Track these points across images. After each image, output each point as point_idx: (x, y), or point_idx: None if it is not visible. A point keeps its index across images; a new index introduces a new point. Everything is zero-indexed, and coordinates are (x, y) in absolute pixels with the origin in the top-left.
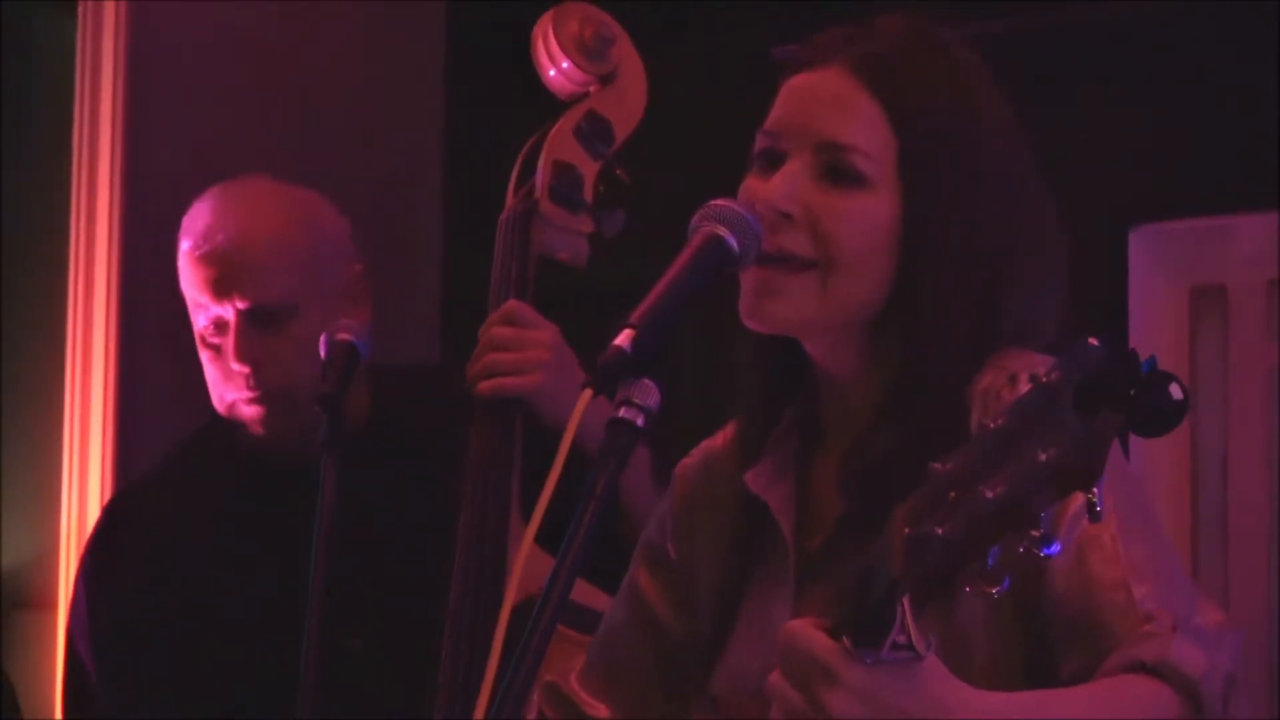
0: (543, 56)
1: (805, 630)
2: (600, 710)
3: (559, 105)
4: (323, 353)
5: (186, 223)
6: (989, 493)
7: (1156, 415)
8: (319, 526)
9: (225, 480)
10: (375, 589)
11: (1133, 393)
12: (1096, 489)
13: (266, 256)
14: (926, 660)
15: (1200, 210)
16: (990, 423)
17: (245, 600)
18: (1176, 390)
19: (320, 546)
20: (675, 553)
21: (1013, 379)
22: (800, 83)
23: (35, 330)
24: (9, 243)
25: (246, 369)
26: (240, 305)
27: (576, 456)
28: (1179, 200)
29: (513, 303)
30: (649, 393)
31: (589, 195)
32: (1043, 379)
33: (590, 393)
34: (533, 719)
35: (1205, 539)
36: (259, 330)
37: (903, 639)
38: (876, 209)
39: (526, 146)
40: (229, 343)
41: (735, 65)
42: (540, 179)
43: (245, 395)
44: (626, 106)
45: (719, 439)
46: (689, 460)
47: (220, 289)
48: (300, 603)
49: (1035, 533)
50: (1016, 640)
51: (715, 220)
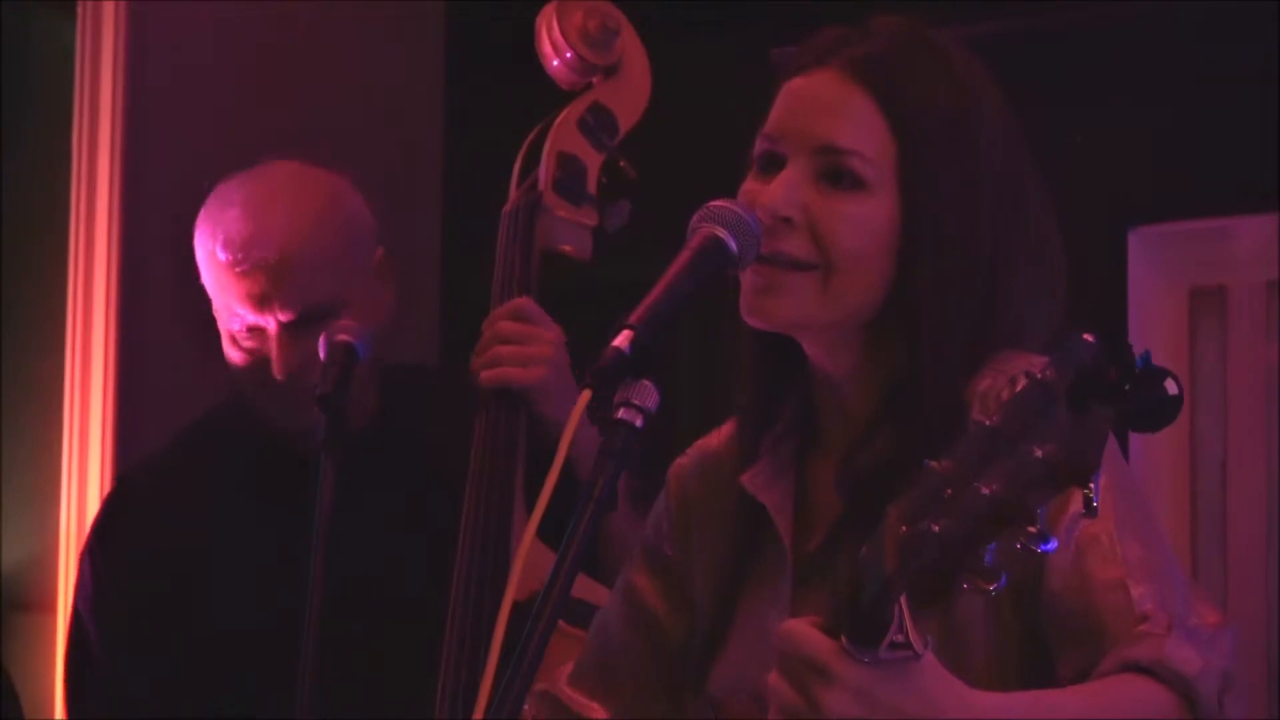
0: (547, 47)
1: (802, 629)
2: (596, 711)
3: (559, 104)
4: (322, 354)
5: (218, 230)
6: (985, 490)
7: (1152, 410)
8: (317, 528)
9: (231, 464)
10: (376, 587)
11: (1127, 387)
12: (1093, 484)
13: (309, 267)
14: (924, 659)
15: (1199, 212)
16: (985, 420)
17: (249, 585)
18: (1172, 385)
19: (319, 548)
20: (673, 553)
21: (1013, 381)
22: (798, 86)
23: (35, 331)
24: (8, 242)
25: (288, 376)
26: (283, 318)
27: (567, 463)
28: (1178, 202)
29: (522, 299)
30: (648, 394)
31: (593, 187)
32: (1038, 375)
33: (589, 393)
34: None
35: (1204, 539)
36: (301, 336)
37: (900, 638)
38: (875, 211)
39: (529, 139)
40: (272, 352)
41: (736, 65)
42: (544, 171)
43: (279, 393)
44: (630, 98)
45: (714, 439)
46: (684, 460)
47: (262, 303)
48: (302, 593)
49: (1032, 529)
50: (1014, 639)
51: (714, 221)
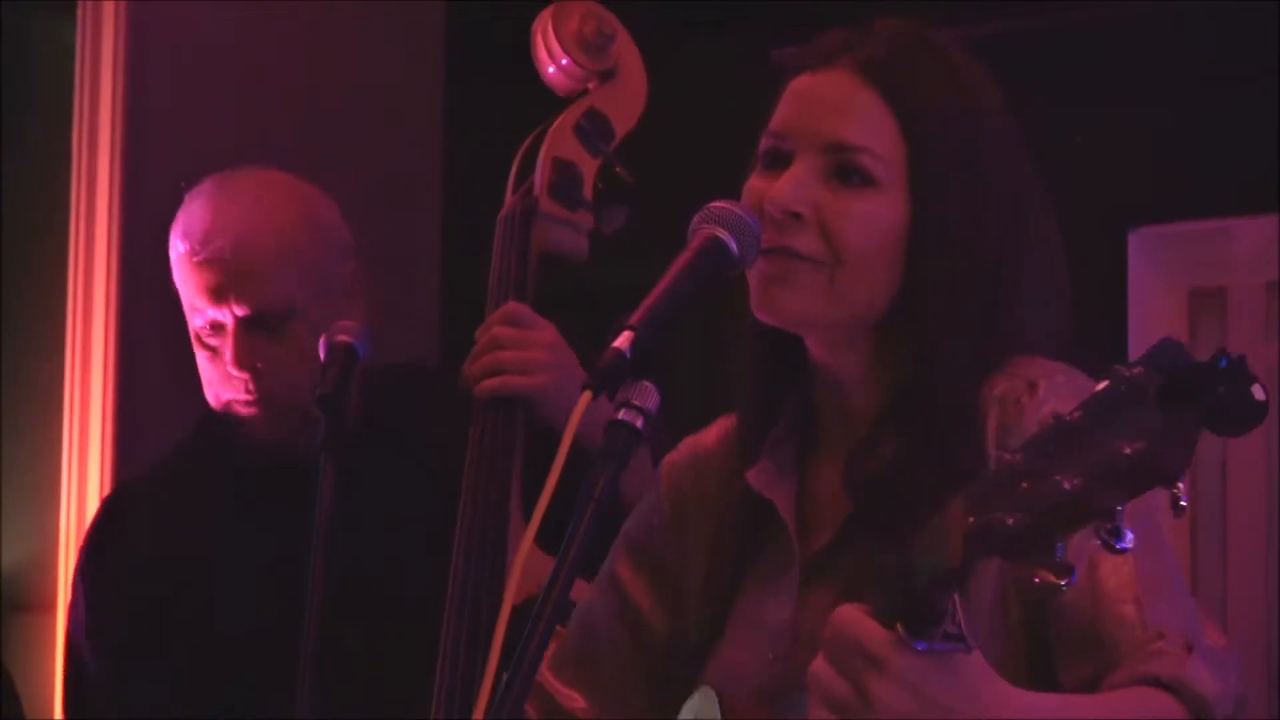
0: (542, 53)
1: (855, 616)
2: (576, 700)
3: (558, 105)
4: (322, 354)
5: (182, 222)
6: (1066, 484)
7: (1238, 414)
8: (317, 529)
9: (222, 475)
10: (374, 589)
11: (1221, 390)
12: (1181, 484)
13: (266, 263)
14: (972, 654)
15: (1199, 213)
16: (1065, 415)
17: (242, 596)
18: (1259, 391)
19: (319, 548)
20: (663, 549)
21: (1031, 386)
22: (805, 84)
23: (34, 332)
24: (8, 243)
25: (246, 375)
26: (239, 312)
27: (577, 456)
28: (1178, 203)
29: (512, 304)
30: (648, 395)
31: (589, 192)
32: (1125, 373)
33: (589, 395)
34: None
35: (1204, 540)
36: (258, 335)
37: (954, 629)
38: (885, 210)
39: (525, 144)
40: (227, 348)
41: (734, 66)
42: (540, 176)
43: (243, 398)
44: (626, 103)
45: (706, 436)
46: (675, 457)
47: (218, 295)
48: (299, 599)
49: (1110, 525)
50: (1021, 644)
51: (715, 222)
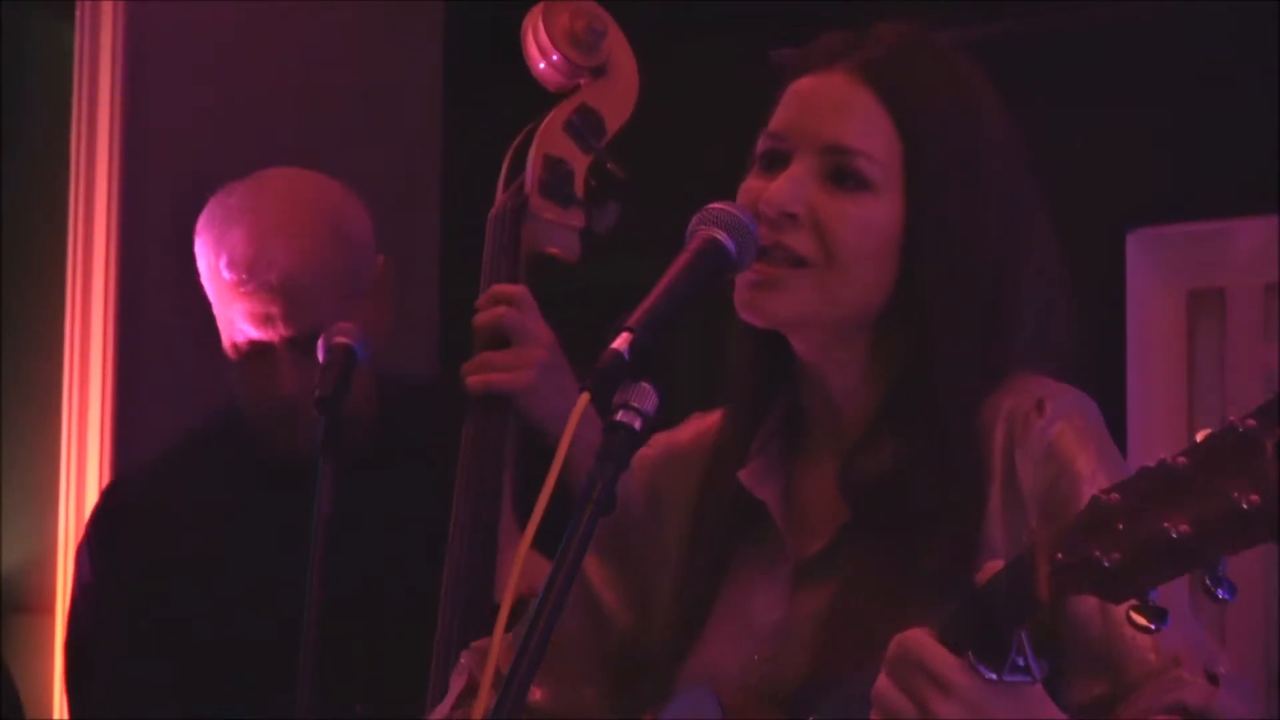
0: (533, 49)
1: (923, 639)
2: (533, 692)
3: (555, 103)
4: (320, 356)
5: (222, 248)
6: (1173, 530)
7: None
8: (316, 530)
9: (227, 472)
10: (375, 596)
11: None
12: None
13: (312, 289)
14: (1036, 685)
15: (1198, 214)
16: (1169, 459)
17: (239, 602)
18: None
19: (317, 548)
20: (633, 544)
21: (1039, 404)
22: (806, 86)
23: (33, 333)
24: (7, 243)
25: (293, 393)
26: (286, 334)
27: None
28: (1177, 204)
29: (522, 287)
30: (647, 396)
31: (580, 189)
32: (1239, 425)
33: (588, 396)
34: (463, 683)
35: None
36: (304, 353)
37: (1021, 661)
38: (880, 212)
39: (516, 141)
40: (277, 369)
41: (734, 66)
42: (531, 174)
43: (279, 408)
44: (618, 99)
45: (681, 433)
46: (649, 452)
47: (266, 322)
48: (295, 605)
49: (1213, 575)
50: None
51: (713, 224)
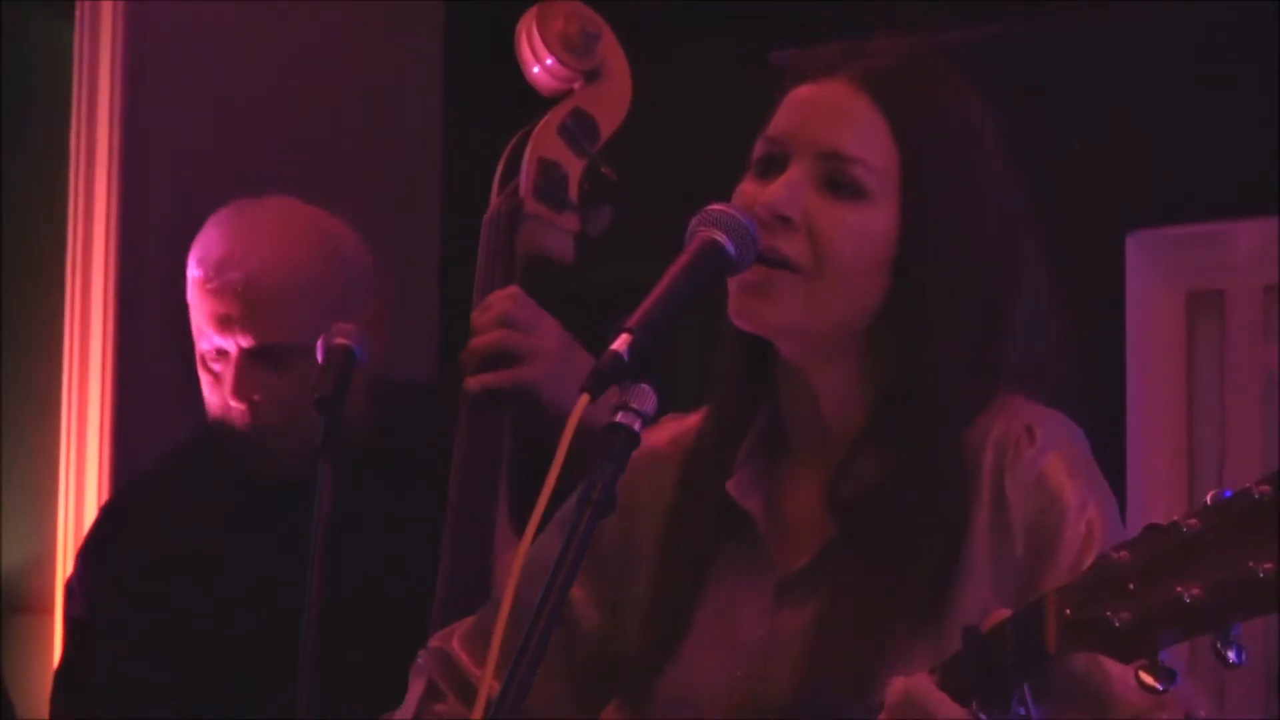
0: (527, 53)
1: (926, 686)
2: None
3: (552, 105)
4: (320, 357)
5: (200, 246)
6: (1186, 595)
7: None
8: (315, 532)
9: (221, 486)
10: (373, 601)
11: None
12: None
13: (275, 297)
14: None
15: (1197, 215)
16: (1181, 522)
17: (239, 606)
18: None
19: (316, 551)
20: (607, 546)
21: (1029, 430)
22: (806, 93)
23: (32, 335)
24: (6, 244)
25: (243, 406)
26: (244, 343)
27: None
28: (1176, 205)
29: (515, 287)
30: (646, 398)
31: (574, 193)
32: (1254, 493)
33: (587, 398)
34: (423, 684)
35: None
36: (261, 368)
37: (1022, 710)
38: (875, 222)
39: (511, 144)
40: (228, 376)
41: (736, 66)
42: (525, 177)
43: (240, 423)
44: (611, 103)
45: (658, 435)
46: None
47: (225, 324)
48: (295, 609)
49: (1223, 639)
50: None
51: (712, 225)
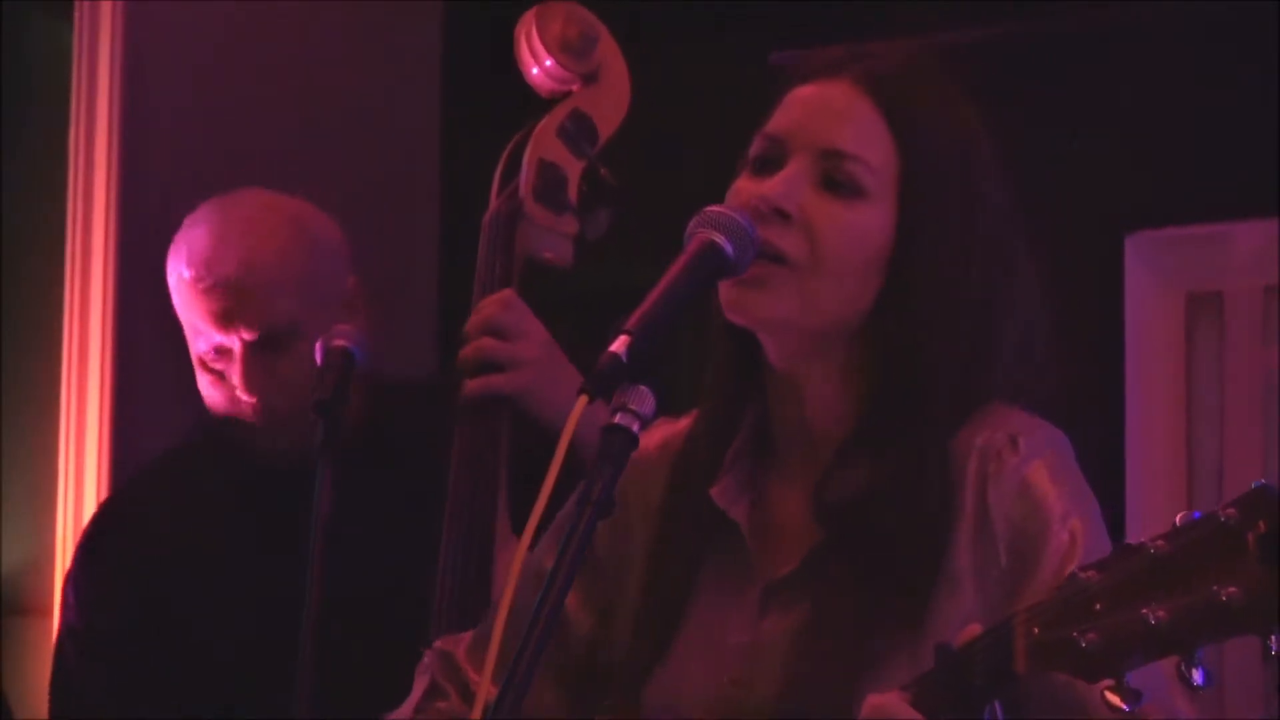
0: (525, 55)
1: (896, 704)
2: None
3: (551, 106)
4: (319, 359)
5: (183, 248)
6: (1151, 616)
7: None
8: (314, 533)
9: (220, 481)
10: (371, 598)
11: None
12: (1275, 637)
13: (269, 284)
14: None
15: (1196, 217)
16: (1148, 544)
17: (237, 606)
18: None
19: (315, 551)
20: (602, 552)
21: (1013, 440)
22: (807, 93)
23: (31, 335)
24: (6, 244)
25: (254, 399)
26: (247, 336)
27: (570, 460)
28: (1175, 207)
29: (509, 291)
30: (645, 399)
31: (573, 195)
32: (1220, 517)
33: (585, 399)
34: (426, 683)
35: None
36: (264, 357)
37: None
38: (871, 221)
39: (510, 145)
40: (235, 372)
41: (736, 66)
42: (524, 179)
43: (253, 416)
44: (610, 105)
45: (648, 439)
46: None
47: (225, 320)
48: (293, 606)
49: (1188, 661)
50: None
51: (711, 227)
